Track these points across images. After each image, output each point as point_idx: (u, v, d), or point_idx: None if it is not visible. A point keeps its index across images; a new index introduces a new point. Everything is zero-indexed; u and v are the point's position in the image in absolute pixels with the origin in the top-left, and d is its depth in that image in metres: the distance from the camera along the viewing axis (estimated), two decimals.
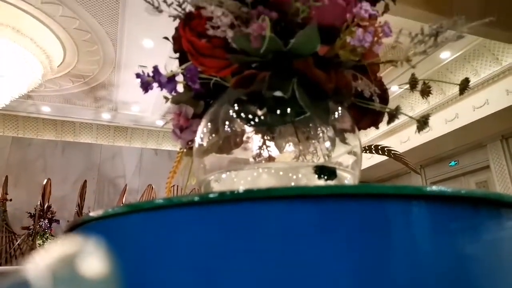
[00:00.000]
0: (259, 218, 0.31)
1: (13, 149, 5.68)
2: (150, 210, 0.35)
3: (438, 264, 0.31)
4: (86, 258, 0.14)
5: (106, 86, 5.17)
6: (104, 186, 5.96)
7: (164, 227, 0.34)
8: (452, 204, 0.34)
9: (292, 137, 0.55)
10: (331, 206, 0.31)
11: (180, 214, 0.34)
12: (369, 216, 0.31)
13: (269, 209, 0.31)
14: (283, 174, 0.51)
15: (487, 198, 0.36)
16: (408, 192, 0.33)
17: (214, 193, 0.33)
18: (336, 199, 0.32)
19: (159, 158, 6.40)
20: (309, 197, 0.31)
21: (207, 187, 0.54)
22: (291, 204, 0.31)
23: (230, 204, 0.32)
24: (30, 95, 5.14)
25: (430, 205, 0.33)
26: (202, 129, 0.55)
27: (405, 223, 0.32)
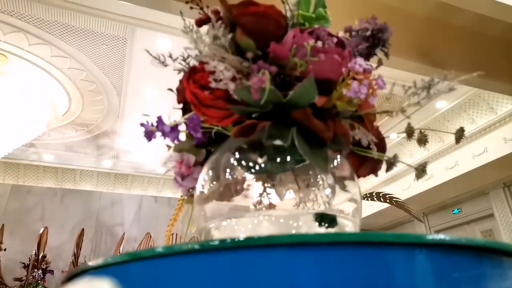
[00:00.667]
0: (260, 265, 0.31)
1: (11, 197, 5.64)
2: (150, 259, 0.35)
3: None
4: None
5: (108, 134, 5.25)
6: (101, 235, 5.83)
7: (165, 275, 0.34)
8: (454, 253, 0.34)
9: (293, 184, 0.56)
10: (332, 254, 0.31)
11: (181, 262, 0.34)
12: (370, 264, 0.31)
13: (270, 256, 0.31)
14: (283, 221, 0.52)
15: (489, 247, 0.36)
16: (409, 240, 0.33)
17: (214, 241, 0.33)
18: (337, 247, 0.32)
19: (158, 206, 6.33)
20: (310, 245, 0.31)
21: (208, 234, 0.54)
22: (292, 251, 0.31)
23: (231, 252, 0.32)
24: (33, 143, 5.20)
25: (432, 253, 0.33)
26: (203, 177, 0.56)
27: (407, 272, 0.32)
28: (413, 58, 2.88)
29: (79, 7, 3.27)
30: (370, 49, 0.63)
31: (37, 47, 3.75)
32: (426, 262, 0.33)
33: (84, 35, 3.66)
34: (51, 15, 3.42)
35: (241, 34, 0.54)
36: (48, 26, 3.54)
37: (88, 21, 3.49)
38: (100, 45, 3.80)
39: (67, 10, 3.32)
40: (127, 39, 3.73)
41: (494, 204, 5.25)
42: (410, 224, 6.63)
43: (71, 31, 3.61)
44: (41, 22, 3.49)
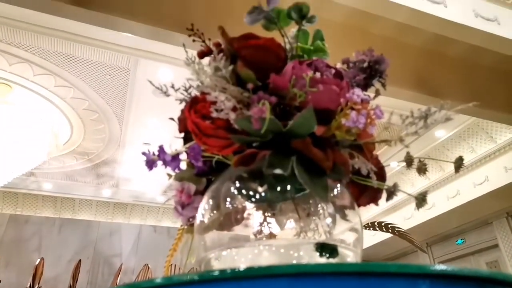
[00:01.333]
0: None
1: (9, 227, 5.56)
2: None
3: None
4: None
5: (109, 163, 5.25)
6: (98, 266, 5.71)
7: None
8: (457, 284, 0.34)
9: (293, 213, 0.56)
10: (333, 285, 0.31)
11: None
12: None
13: (270, 287, 0.31)
14: (284, 251, 0.51)
15: (493, 279, 0.36)
16: (411, 271, 0.33)
17: (214, 271, 0.33)
18: (338, 277, 0.31)
19: (157, 235, 6.23)
20: (311, 275, 0.31)
21: (208, 265, 0.53)
22: (293, 282, 0.31)
23: (231, 282, 0.32)
24: (33, 172, 5.19)
25: (435, 285, 0.33)
26: (204, 206, 0.56)
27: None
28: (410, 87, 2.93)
29: (84, 38, 3.36)
30: (367, 80, 0.64)
31: (42, 77, 3.82)
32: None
33: (88, 65, 3.74)
34: (56, 46, 3.51)
35: (241, 66, 0.56)
36: (53, 57, 3.62)
37: (92, 52, 3.58)
38: (103, 75, 3.88)
39: (72, 42, 3.41)
40: (130, 70, 3.81)
41: (498, 234, 5.17)
42: (413, 255, 6.50)
43: (75, 62, 3.70)
44: (46, 53, 3.57)
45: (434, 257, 6.13)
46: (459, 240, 5.80)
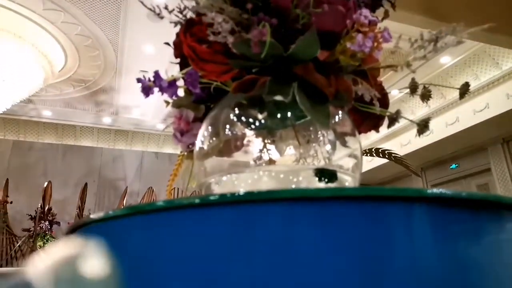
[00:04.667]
0: (259, 220, 0.32)
1: (13, 153, 5.69)
2: (151, 212, 0.36)
3: (438, 267, 0.32)
4: (87, 259, 0.14)
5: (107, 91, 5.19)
6: (104, 189, 5.96)
7: (165, 229, 0.35)
8: (453, 207, 0.34)
9: (293, 140, 0.56)
10: (331, 209, 0.31)
11: (181, 216, 0.34)
12: (370, 219, 0.31)
13: (269, 211, 0.32)
14: (283, 176, 0.52)
15: (487, 200, 0.37)
16: (408, 194, 0.33)
17: (214, 195, 0.33)
18: (336, 201, 0.32)
19: (159, 162, 6.40)
20: (310, 200, 0.32)
21: (208, 189, 0.54)
22: (292, 206, 0.32)
23: (231, 206, 0.33)
24: (31, 100, 5.15)
25: (431, 207, 0.33)
26: (203, 133, 0.56)
27: (406, 226, 0.32)
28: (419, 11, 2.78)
29: None
30: (376, 0, 0.60)
31: (29, 0, 3.60)
32: (425, 216, 0.33)
33: None
34: None
35: None
36: None
37: None
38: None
39: None
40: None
41: (492, 159, 5.31)
42: (407, 179, 6.75)
43: None
44: None
45: (428, 181, 6.38)
46: (453, 165, 5.98)
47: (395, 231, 0.32)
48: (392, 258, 0.31)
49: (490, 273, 0.34)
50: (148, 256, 0.34)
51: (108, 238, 0.38)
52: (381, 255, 0.31)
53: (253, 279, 0.30)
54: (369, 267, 0.30)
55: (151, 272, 0.33)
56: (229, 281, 0.30)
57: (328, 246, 0.30)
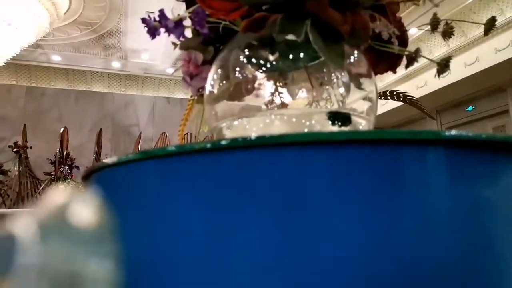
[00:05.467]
0: (271, 164, 0.31)
1: (27, 99, 5.75)
2: (163, 157, 0.36)
3: (454, 211, 0.31)
4: (77, 208, 0.13)
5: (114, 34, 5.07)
6: (119, 135, 6.07)
7: (176, 174, 0.35)
8: (470, 150, 0.33)
9: (305, 83, 0.54)
10: (345, 152, 0.31)
11: (192, 161, 0.34)
12: (384, 162, 0.31)
13: (281, 155, 0.31)
14: (296, 120, 0.51)
15: (507, 142, 0.35)
16: (425, 137, 0.32)
17: (226, 140, 0.33)
18: (350, 145, 0.31)
19: (171, 107, 6.41)
20: (323, 143, 0.31)
21: (219, 134, 0.54)
22: (304, 150, 0.31)
23: (242, 151, 0.32)
24: (39, 44, 5.09)
25: (448, 150, 0.32)
26: (212, 76, 0.54)
27: (422, 169, 0.31)
28: None
29: None
30: None
31: None
32: (442, 159, 0.32)
33: None
34: None
35: None
36: None
37: None
38: None
39: None
40: None
41: (510, 101, 5.16)
42: (422, 122, 6.66)
43: None
44: None
45: (442, 123, 6.29)
46: (469, 107, 5.84)
47: (410, 174, 0.31)
48: (406, 202, 0.31)
49: (505, 216, 0.34)
50: (160, 199, 0.35)
51: (122, 182, 0.39)
52: (396, 200, 0.30)
53: (263, 225, 0.30)
54: (382, 212, 0.30)
55: (163, 216, 0.34)
56: (240, 226, 0.31)
57: (341, 191, 0.30)
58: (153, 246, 0.35)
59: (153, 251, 0.34)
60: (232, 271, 0.31)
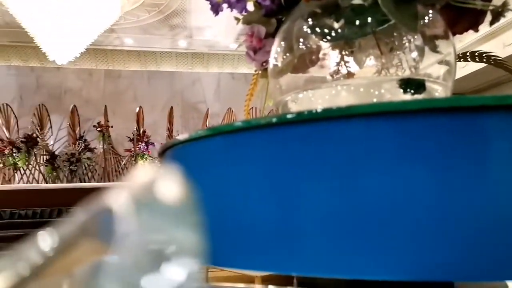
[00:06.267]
0: (338, 138, 0.30)
1: (106, 82, 6.23)
2: (230, 133, 0.37)
3: None
4: (166, 184, 0.14)
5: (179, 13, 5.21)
6: (188, 111, 6.34)
7: (243, 149, 0.36)
8: None
9: (374, 49, 0.51)
10: (419, 123, 0.29)
11: (259, 135, 0.35)
12: (464, 133, 0.28)
13: (349, 128, 0.30)
14: (363, 90, 0.49)
15: None
16: None
17: (291, 114, 0.33)
18: (425, 114, 0.29)
19: (236, 82, 6.51)
20: (394, 114, 0.29)
21: (285, 108, 0.53)
22: (374, 121, 0.30)
23: (309, 124, 0.32)
24: (113, 29, 5.42)
25: None
26: (276, 49, 0.53)
27: (508, 139, 0.28)
28: None
29: None
30: None
31: None
32: None
33: None
34: None
35: None
36: None
37: None
38: None
39: None
40: None
41: None
42: (508, 85, 5.98)
43: None
44: None
45: None
46: None
47: (494, 145, 0.28)
48: (488, 177, 0.28)
49: None
50: (228, 175, 0.36)
51: (192, 158, 0.41)
52: (475, 174, 0.28)
53: (331, 199, 0.30)
54: (460, 187, 0.28)
55: (230, 190, 0.35)
56: (308, 201, 0.31)
57: (415, 165, 0.28)
58: (222, 214, 0.36)
59: (223, 218, 0.36)
60: (301, 231, 0.31)
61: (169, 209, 0.13)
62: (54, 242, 0.13)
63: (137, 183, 0.14)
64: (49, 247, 0.13)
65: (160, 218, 0.13)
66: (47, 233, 0.13)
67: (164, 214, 0.13)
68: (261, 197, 0.33)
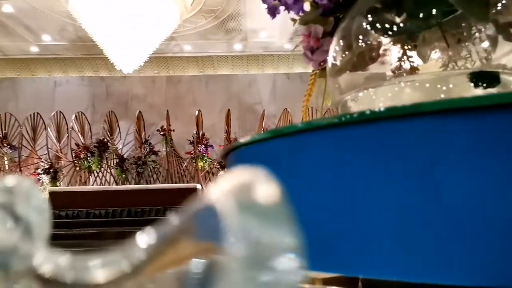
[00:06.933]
0: (404, 138, 0.29)
1: (168, 87, 6.56)
2: (291, 135, 0.37)
3: None
4: (264, 185, 0.15)
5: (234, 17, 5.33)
6: (244, 113, 6.45)
7: (304, 150, 0.36)
8: None
9: (439, 42, 0.48)
10: (493, 119, 0.27)
11: (320, 137, 0.34)
12: None
13: (415, 127, 0.29)
14: (429, 86, 0.46)
15: None
16: None
17: (353, 114, 0.32)
18: (500, 110, 0.27)
19: (291, 82, 6.50)
20: (465, 111, 0.28)
21: (344, 107, 0.53)
22: (443, 120, 0.28)
23: (372, 124, 0.31)
24: (173, 37, 5.68)
25: None
26: (334, 48, 0.53)
27: None
28: None
29: None
30: None
31: None
32: None
33: None
34: None
35: None
36: None
37: None
38: None
39: None
40: None
41: None
42: None
43: None
44: None
45: None
46: None
47: None
48: None
49: None
50: (291, 178, 0.36)
51: (255, 160, 0.42)
52: None
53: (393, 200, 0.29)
54: None
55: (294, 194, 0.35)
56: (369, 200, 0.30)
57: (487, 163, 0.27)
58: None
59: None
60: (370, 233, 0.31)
61: (270, 210, 0.14)
62: (154, 241, 0.14)
63: (234, 184, 0.14)
64: (149, 245, 0.14)
65: (261, 219, 0.14)
66: (147, 232, 0.15)
67: (266, 215, 0.14)
68: (326, 199, 0.33)
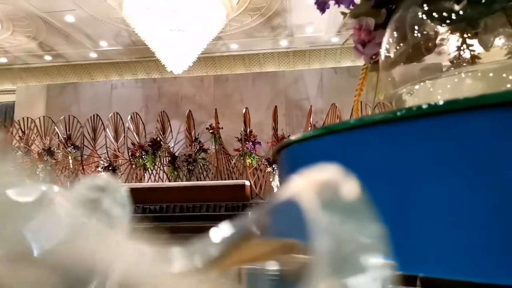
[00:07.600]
0: (467, 133, 0.28)
1: (215, 86, 6.70)
2: (344, 131, 0.36)
3: None
4: (346, 182, 0.15)
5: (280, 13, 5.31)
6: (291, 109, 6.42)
7: (357, 146, 0.35)
8: None
9: (504, 28, 0.45)
10: None
11: (374, 133, 0.34)
12: None
13: (479, 121, 0.27)
14: (493, 75, 0.43)
15: None
16: None
17: (410, 108, 0.31)
18: None
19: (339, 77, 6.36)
20: None
21: (399, 101, 0.51)
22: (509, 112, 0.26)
23: (430, 119, 0.30)
24: (220, 36, 5.79)
25: None
26: (387, 40, 0.51)
27: None
28: None
29: None
30: None
31: None
32: None
33: None
34: None
35: None
36: None
37: None
38: None
39: None
40: None
41: None
42: None
43: None
44: None
45: None
46: None
47: None
48: None
49: None
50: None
51: (307, 155, 0.42)
52: None
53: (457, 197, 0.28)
54: None
55: None
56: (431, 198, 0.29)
57: None
58: None
59: None
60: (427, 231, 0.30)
61: (353, 207, 0.14)
62: (228, 237, 0.15)
63: (316, 181, 0.14)
64: (223, 241, 0.15)
65: (346, 216, 0.14)
66: (221, 229, 0.15)
67: (349, 212, 0.14)
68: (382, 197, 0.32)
